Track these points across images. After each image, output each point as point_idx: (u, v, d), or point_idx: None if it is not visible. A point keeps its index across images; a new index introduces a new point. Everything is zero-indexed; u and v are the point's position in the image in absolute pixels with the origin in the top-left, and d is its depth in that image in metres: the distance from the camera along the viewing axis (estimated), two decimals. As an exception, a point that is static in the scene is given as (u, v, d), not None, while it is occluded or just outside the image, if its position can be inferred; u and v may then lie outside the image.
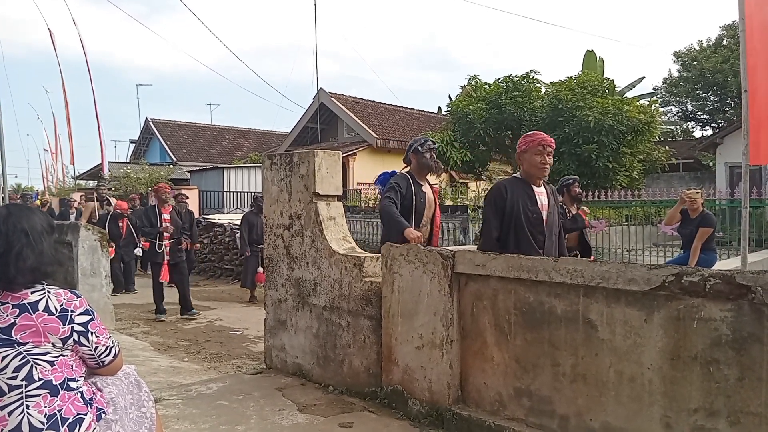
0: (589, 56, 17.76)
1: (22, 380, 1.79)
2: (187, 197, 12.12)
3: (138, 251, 9.46)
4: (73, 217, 13.10)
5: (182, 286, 7.80)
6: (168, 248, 7.63)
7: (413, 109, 26.63)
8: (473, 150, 15.04)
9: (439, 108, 27.86)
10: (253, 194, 9.13)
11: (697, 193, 6.35)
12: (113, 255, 10.16)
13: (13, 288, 1.84)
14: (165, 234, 7.60)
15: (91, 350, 1.97)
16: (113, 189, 19.55)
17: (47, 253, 1.93)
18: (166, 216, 7.75)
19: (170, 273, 7.69)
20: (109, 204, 11.17)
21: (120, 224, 9.99)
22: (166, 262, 7.60)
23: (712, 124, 30.54)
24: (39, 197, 21.39)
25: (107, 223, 9.62)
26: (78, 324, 1.91)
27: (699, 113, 31.36)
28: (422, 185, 4.24)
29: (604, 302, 2.67)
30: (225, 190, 21.22)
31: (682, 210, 6.38)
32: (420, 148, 4.20)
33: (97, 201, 11.15)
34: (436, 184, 4.51)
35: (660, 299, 2.49)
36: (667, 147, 16.38)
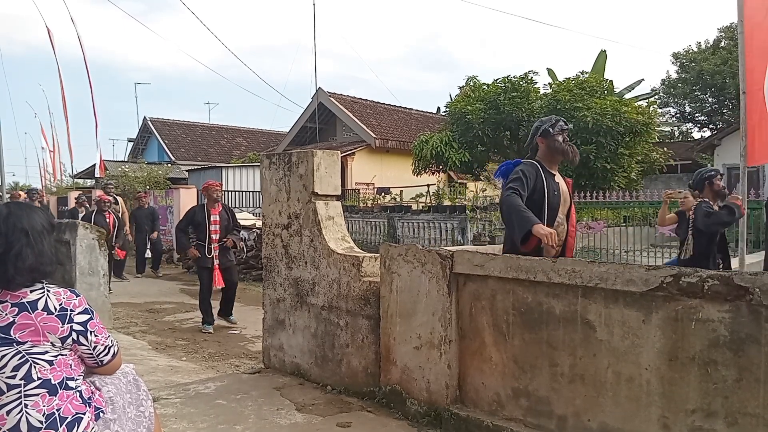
0: (601, 56, 17.71)
1: (20, 379, 1.79)
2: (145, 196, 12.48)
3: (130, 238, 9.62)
4: (81, 216, 13.05)
5: (232, 291, 7.11)
6: (217, 252, 6.87)
7: (412, 109, 26.62)
8: (471, 150, 15.05)
9: (438, 108, 27.87)
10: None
11: (680, 193, 6.34)
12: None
13: (11, 287, 1.84)
14: (213, 237, 6.83)
15: (89, 349, 1.97)
16: (112, 186, 19.49)
17: (47, 253, 1.93)
18: (215, 217, 6.92)
19: (222, 278, 6.97)
20: (116, 202, 11.00)
21: (107, 218, 9.53)
22: (217, 266, 6.85)
23: (710, 126, 30.59)
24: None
25: (93, 218, 9.22)
26: (77, 323, 1.91)
27: (697, 115, 31.40)
28: (554, 175, 3.58)
29: (602, 303, 2.67)
30: (223, 189, 21.20)
31: (678, 211, 6.39)
32: (551, 130, 3.55)
33: None
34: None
35: (658, 300, 2.49)
36: (665, 148, 16.42)
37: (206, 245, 6.84)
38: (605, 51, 17.84)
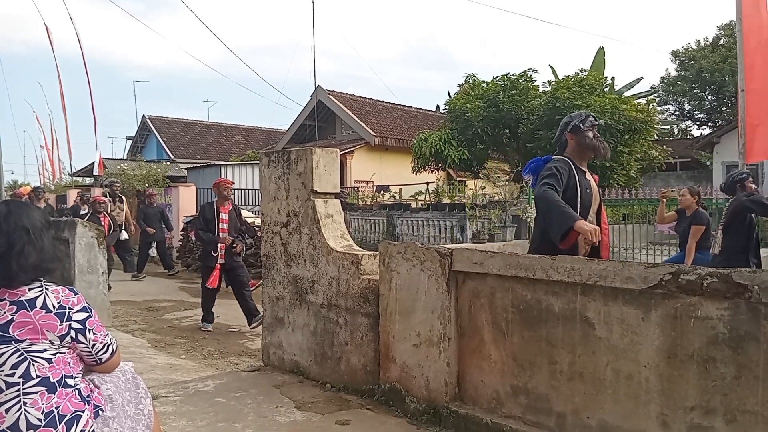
0: (600, 53, 17.70)
1: (19, 377, 1.78)
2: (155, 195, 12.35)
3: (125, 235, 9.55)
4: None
5: (240, 292, 6.79)
6: (223, 251, 6.69)
7: (411, 107, 26.61)
8: (471, 148, 15.02)
9: (438, 106, 27.84)
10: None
11: (672, 191, 6.36)
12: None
13: (13, 285, 1.84)
14: (221, 236, 6.66)
15: (88, 347, 1.97)
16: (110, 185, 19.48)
17: (48, 250, 1.93)
18: (225, 215, 6.73)
19: (229, 279, 6.89)
20: (121, 201, 10.91)
21: (101, 219, 9.20)
22: (219, 266, 6.69)
23: (710, 123, 30.60)
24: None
25: (88, 220, 8.94)
26: (75, 321, 1.91)
27: (696, 112, 31.41)
28: (585, 172, 3.48)
29: (601, 300, 2.68)
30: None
31: (678, 209, 6.39)
32: (581, 126, 3.43)
33: (109, 197, 10.78)
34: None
35: (657, 298, 2.49)
36: (664, 146, 16.40)
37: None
38: (603, 48, 17.81)
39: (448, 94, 21.79)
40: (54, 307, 1.87)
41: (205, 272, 6.91)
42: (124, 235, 10.60)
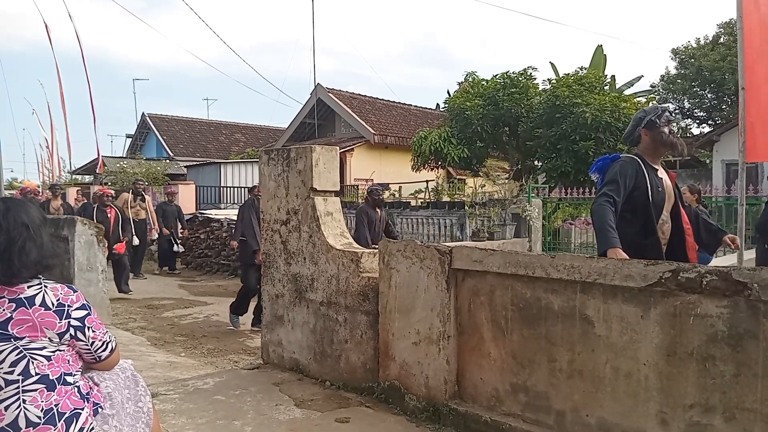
0: (599, 51, 17.69)
1: (18, 375, 1.78)
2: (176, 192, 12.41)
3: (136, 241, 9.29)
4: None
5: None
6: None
7: (411, 105, 26.60)
8: (470, 146, 15.01)
9: (438, 105, 27.83)
10: (369, 185, 7.74)
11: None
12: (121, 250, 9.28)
13: (15, 282, 1.84)
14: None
15: (87, 345, 1.97)
16: (109, 184, 19.49)
17: (47, 246, 1.93)
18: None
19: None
20: (143, 200, 11.10)
21: (108, 213, 9.09)
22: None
23: (709, 122, 30.59)
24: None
25: (95, 214, 8.92)
26: (74, 319, 1.91)
27: (696, 111, 31.39)
28: (657, 170, 3.28)
29: (600, 298, 2.68)
30: (222, 185, 21.18)
31: None
32: (657, 121, 3.22)
33: (132, 194, 11.01)
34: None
35: (656, 295, 2.49)
36: (664, 144, 16.35)
37: (258, 243, 6.48)
38: (602, 46, 17.79)
39: (448, 92, 21.79)
40: (53, 304, 1.87)
41: (248, 271, 6.81)
42: (176, 248, 11.42)
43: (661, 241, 3.16)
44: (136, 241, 10.13)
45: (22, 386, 1.78)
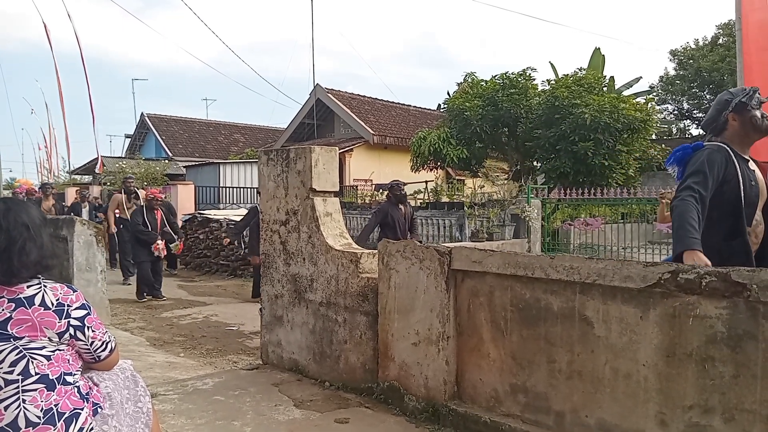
0: (597, 54, 17.72)
1: (18, 375, 1.78)
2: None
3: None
4: (85, 212, 12.67)
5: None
6: None
7: (410, 105, 26.61)
8: (470, 147, 15.02)
9: (439, 105, 27.84)
10: (391, 183, 7.55)
11: (671, 192, 6.37)
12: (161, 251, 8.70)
13: (13, 282, 1.84)
14: None
15: (87, 345, 1.97)
16: (108, 184, 19.47)
17: (47, 246, 1.93)
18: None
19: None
20: (137, 197, 10.36)
21: (156, 215, 8.82)
22: None
23: (708, 123, 30.56)
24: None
25: (144, 216, 8.66)
26: (74, 318, 1.91)
27: (695, 111, 31.43)
28: (748, 161, 2.82)
29: (600, 299, 2.68)
30: (221, 185, 21.18)
31: None
32: (747, 103, 2.78)
33: (124, 194, 10.53)
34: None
35: (656, 296, 2.50)
36: (663, 145, 16.40)
37: None
38: (599, 48, 17.83)
39: (448, 93, 21.79)
40: (53, 304, 1.87)
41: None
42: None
43: (751, 245, 2.74)
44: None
45: (22, 386, 1.78)
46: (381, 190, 17.44)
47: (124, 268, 10.58)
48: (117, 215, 10.64)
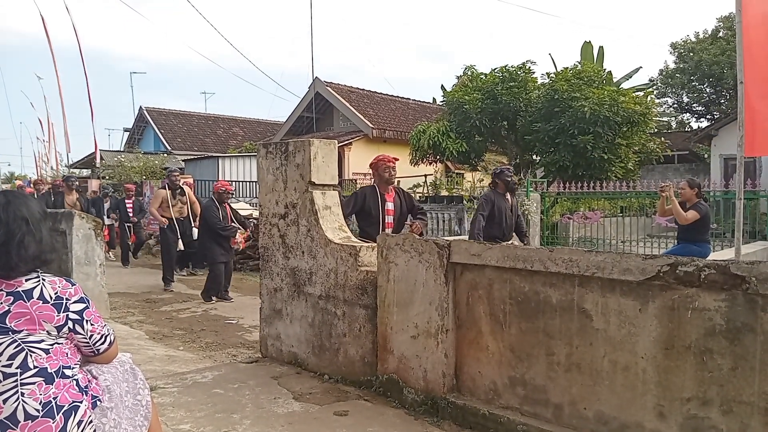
0: (586, 47, 17.73)
1: (17, 368, 1.78)
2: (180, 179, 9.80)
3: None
4: (105, 206, 12.32)
5: None
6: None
7: (409, 98, 26.55)
8: (469, 140, 15.00)
9: (434, 99, 27.78)
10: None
11: (670, 184, 6.38)
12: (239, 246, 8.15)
13: (11, 276, 1.84)
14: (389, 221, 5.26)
15: (86, 338, 1.97)
16: (107, 178, 19.44)
17: (46, 240, 1.93)
18: (390, 205, 5.23)
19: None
20: (183, 194, 9.10)
21: (226, 209, 8.12)
22: None
23: (708, 116, 30.58)
24: (32, 184, 21.22)
25: (218, 210, 7.93)
26: (73, 312, 1.90)
27: (695, 105, 31.37)
28: None
29: (599, 292, 2.68)
30: (220, 179, 21.15)
31: (679, 201, 6.39)
32: None
33: (168, 189, 9.03)
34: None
35: (655, 289, 2.50)
36: (662, 138, 16.39)
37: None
38: (590, 41, 17.80)
39: (442, 87, 21.72)
40: (51, 297, 1.87)
41: None
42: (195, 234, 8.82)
43: None
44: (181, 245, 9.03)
45: (21, 379, 1.78)
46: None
47: (166, 273, 9.08)
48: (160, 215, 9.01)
